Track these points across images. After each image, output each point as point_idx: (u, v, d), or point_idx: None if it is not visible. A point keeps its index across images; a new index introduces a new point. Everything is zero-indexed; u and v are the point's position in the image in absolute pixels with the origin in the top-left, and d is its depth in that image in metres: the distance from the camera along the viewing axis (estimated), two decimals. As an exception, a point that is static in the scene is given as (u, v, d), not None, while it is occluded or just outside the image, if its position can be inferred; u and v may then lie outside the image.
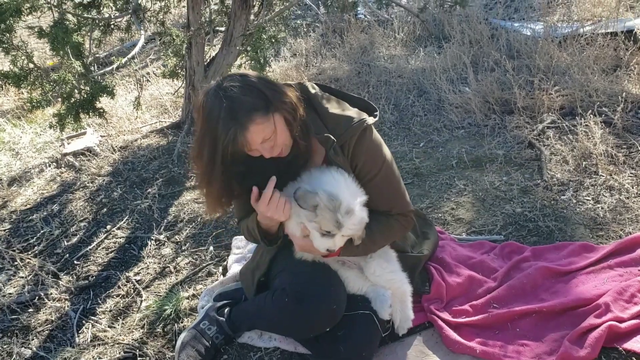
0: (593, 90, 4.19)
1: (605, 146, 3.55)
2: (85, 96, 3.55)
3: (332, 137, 2.22)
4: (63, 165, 4.61)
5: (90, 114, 3.68)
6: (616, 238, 2.91)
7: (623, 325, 2.35)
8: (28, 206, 4.12)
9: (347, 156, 2.27)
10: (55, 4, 3.32)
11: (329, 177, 2.21)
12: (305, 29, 6.61)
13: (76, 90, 3.49)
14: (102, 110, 3.73)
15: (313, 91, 2.32)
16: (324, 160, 2.31)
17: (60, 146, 4.94)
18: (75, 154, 4.70)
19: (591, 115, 3.75)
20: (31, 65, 3.39)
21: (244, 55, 4.17)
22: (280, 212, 2.18)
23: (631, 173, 3.39)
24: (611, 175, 3.38)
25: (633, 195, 3.20)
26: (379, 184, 2.32)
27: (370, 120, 2.28)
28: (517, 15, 6.48)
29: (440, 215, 3.37)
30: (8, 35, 3.03)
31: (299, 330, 2.38)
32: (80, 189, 4.24)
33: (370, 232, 2.32)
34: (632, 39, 4.86)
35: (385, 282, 2.42)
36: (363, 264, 2.45)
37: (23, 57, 3.31)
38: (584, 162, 3.51)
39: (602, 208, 3.15)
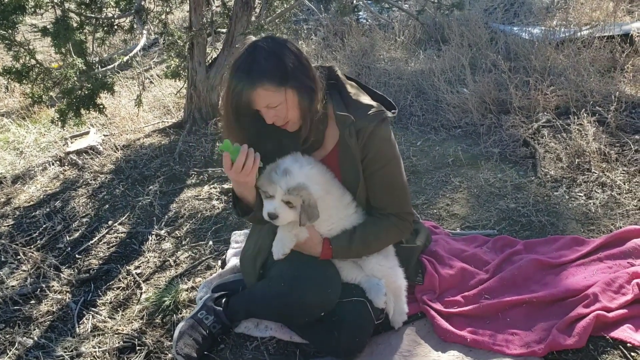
0: (588, 91, 4.25)
1: (598, 144, 3.61)
2: (86, 92, 3.62)
3: (352, 118, 2.30)
4: (66, 164, 4.68)
5: (91, 109, 3.74)
6: (607, 232, 2.96)
7: (611, 314, 2.40)
8: (31, 203, 4.19)
9: (360, 143, 2.34)
10: (57, 1, 3.40)
11: (313, 161, 2.33)
12: (306, 32, 6.69)
13: (77, 87, 3.56)
14: (102, 106, 3.80)
15: (341, 76, 2.44)
16: (336, 144, 2.39)
17: (63, 145, 5.02)
18: (78, 153, 4.77)
19: (585, 115, 3.80)
20: (33, 62, 3.46)
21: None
22: (246, 175, 2.22)
23: (623, 170, 3.44)
24: (603, 172, 3.43)
25: (624, 192, 3.25)
26: (383, 178, 2.40)
27: (389, 113, 2.37)
28: (517, 20, 6.55)
29: (435, 211, 3.43)
30: (11, 31, 3.10)
31: (294, 315, 2.43)
32: (83, 186, 4.31)
33: (364, 234, 2.40)
34: (628, 41, 4.92)
35: (381, 276, 2.48)
36: (360, 261, 2.51)
37: (25, 54, 3.38)
38: (577, 160, 3.57)
39: (594, 204, 3.20)
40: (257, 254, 2.62)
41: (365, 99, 2.40)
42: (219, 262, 3.22)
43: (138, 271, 3.28)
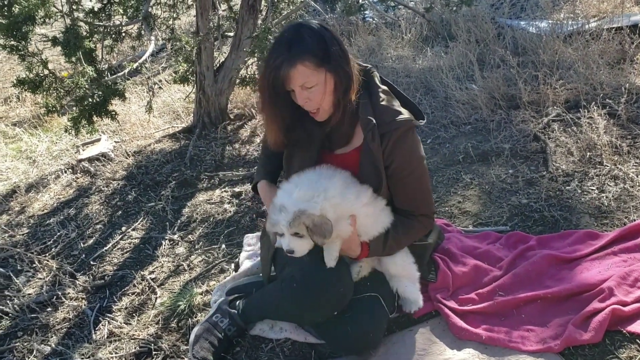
0: (598, 83, 4.22)
1: (609, 137, 3.58)
2: (97, 99, 3.66)
3: (374, 122, 2.32)
4: (78, 171, 4.73)
5: (103, 116, 3.78)
6: (620, 225, 2.94)
7: (627, 308, 2.38)
8: (45, 211, 4.24)
9: (384, 148, 2.35)
10: (67, 11, 3.43)
11: (302, 177, 2.35)
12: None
13: (89, 95, 3.60)
14: (114, 113, 3.84)
15: (375, 79, 2.44)
16: (361, 144, 2.41)
17: (75, 153, 5.06)
18: (90, 160, 4.82)
19: (595, 108, 3.78)
20: (46, 72, 3.50)
21: (251, 57, 4.25)
22: None
23: (636, 162, 3.41)
24: (615, 165, 3.41)
25: (637, 184, 3.23)
26: (411, 183, 2.43)
27: (417, 122, 2.41)
28: (524, 14, 6.52)
29: (447, 208, 3.42)
30: (24, 42, 3.14)
31: (307, 315, 2.44)
32: (96, 193, 4.34)
33: (395, 233, 2.43)
34: (637, 32, 4.88)
35: (402, 271, 2.54)
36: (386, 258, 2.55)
37: (38, 64, 3.42)
38: (588, 153, 3.55)
39: (606, 197, 3.18)
40: (269, 249, 2.65)
41: (395, 105, 2.39)
42: (232, 265, 3.24)
43: (152, 276, 3.30)
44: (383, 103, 2.37)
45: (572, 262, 2.75)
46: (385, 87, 2.46)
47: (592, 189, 3.28)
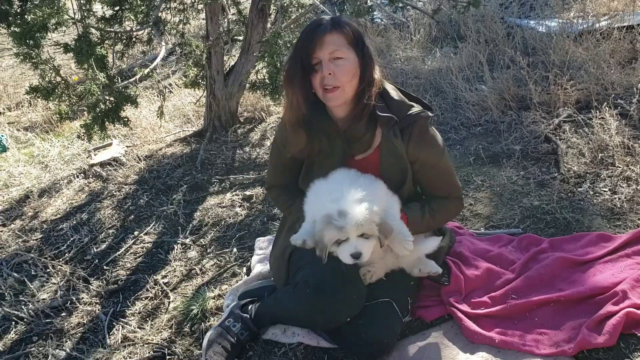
0: (609, 83, 4.20)
1: (621, 138, 3.56)
2: (110, 106, 3.69)
3: (396, 118, 2.38)
4: (90, 176, 4.76)
5: (115, 123, 3.82)
6: (633, 227, 2.93)
7: (641, 311, 2.37)
8: (58, 216, 4.27)
9: (407, 143, 2.41)
10: (78, 18, 3.46)
11: (333, 181, 2.34)
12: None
13: (101, 101, 3.63)
14: (126, 119, 3.87)
15: (385, 82, 2.51)
16: (378, 145, 2.46)
17: (87, 157, 5.10)
18: (102, 165, 4.85)
19: (607, 108, 3.76)
20: (58, 79, 3.53)
21: (260, 61, 4.27)
22: None
23: (648, 163, 3.40)
24: (628, 166, 3.39)
25: (650, 185, 3.21)
26: (441, 171, 2.52)
27: (428, 113, 2.46)
28: (533, 13, 6.49)
29: (458, 211, 3.41)
30: (37, 50, 3.18)
31: (320, 321, 2.45)
32: (108, 198, 4.37)
33: (432, 212, 2.49)
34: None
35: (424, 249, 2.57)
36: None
37: (51, 71, 3.46)
38: (600, 154, 3.53)
39: (619, 198, 3.17)
40: (285, 250, 2.66)
41: (406, 100, 2.48)
42: (244, 269, 3.25)
43: (165, 280, 3.32)
44: (396, 98, 2.44)
45: (585, 264, 2.74)
46: (392, 85, 2.53)
47: (605, 191, 3.27)
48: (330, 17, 2.34)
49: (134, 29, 4.29)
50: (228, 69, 4.93)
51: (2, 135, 5.72)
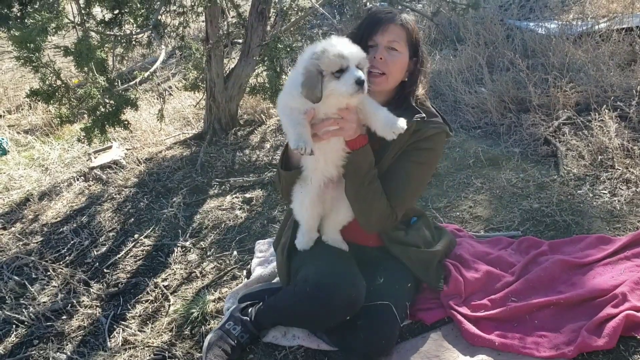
0: (608, 86, 4.21)
1: (621, 140, 3.57)
2: (110, 109, 3.69)
3: (424, 115, 2.42)
4: (91, 179, 4.76)
5: (116, 126, 3.82)
6: (633, 230, 2.94)
7: (640, 314, 2.38)
8: (58, 219, 4.27)
9: (411, 141, 2.42)
10: (78, 22, 3.47)
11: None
12: (320, 37, 6.71)
13: (101, 104, 3.64)
14: (126, 122, 3.88)
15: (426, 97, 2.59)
16: None
17: (87, 160, 5.10)
18: (102, 167, 4.85)
19: (606, 110, 3.76)
20: (59, 82, 3.54)
21: (261, 65, 4.28)
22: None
23: (648, 165, 3.41)
24: (627, 168, 3.40)
25: (650, 188, 3.22)
26: (409, 169, 2.44)
27: (449, 132, 2.52)
28: (533, 15, 6.50)
29: (458, 213, 3.42)
30: (37, 54, 3.19)
31: (320, 319, 2.46)
32: (108, 201, 4.38)
33: (378, 185, 2.38)
34: (647, 33, 4.86)
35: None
36: None
37: (51, 75, 3.46)
38: (599, 157, 3.54)
39: (618, 201, 3.17)
40: (283, 248, 2.68)
41: (432, 109, 2.53)
42: (244, 272, 3.25)
43: (165, 283, 3.32)
44: (426, 104, 2.52)
45: (584, 267, 2.74)
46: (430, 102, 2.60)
47: (604, 193, 3.27)
48: (400, 11, 2.45)
49: (133, 33, 4.30)
50: (228, 72, 4.93)
51: (3, 139, 5.73)
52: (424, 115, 2.43)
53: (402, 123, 2.22)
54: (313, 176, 2.39)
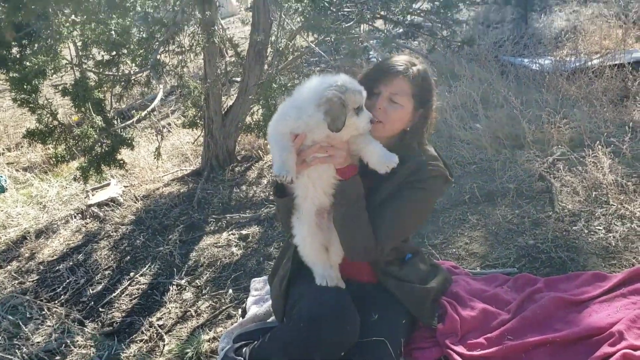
0: (602, 121, 4.25)
1: (615, 176, 3.59)
2: (106, 149, 3.73)
3: (424, 158, 2.45)
4: (88, 216, 4.77)
5: (111, 165, 3.85)
6: (629, 266, 2.93)
7: (638, 352, 2.35)
8: (55, 257, 4.27)
9: (408, 179, 2.42)
10: (76, 63, 3.53)
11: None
12: (318, 75, 6.78)
13: (97, 144, 3.67)
14: (122, 162, 3.90)
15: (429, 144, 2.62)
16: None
17: (85, 198, 5.12)
18: (99, 205, 4.86)
19: (600, 146, 3.79)
20: (55, 122, 3.58)
21: (255, 104, 4.33)
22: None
23: (642, 201, 3.41)
24: (622, 204, 3.41)
25: (645, 223, 3.22)
26: (399, 205, 2.42)
27: (449, 177, 2.53)
28: (527, 52, 6.59)
29: (454, 250, 3.42)
30: (34, 95, 3.23)
31: (314, 355, 2.43)
32: (105, 239, 4.37)
33: (365, 216, 2.37)
34: (639, 69, 4.93)
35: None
36: None
37: (48, 115, 3.51)
38: (594, 192, 3.55)
39: (613, 237, 3.17)
40: (282, 282, 2.66)
41: (435, 154, 2.55)
42: (239, 311, 3.23)
43: (160, 322, 3.30)
44: (428, 149, 2.54)
45: (580, 304, 2.72)
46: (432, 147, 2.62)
47: (599, 229, 3.28)
48: (413, 63, 2.44)
49: (132, 72, 4.36)
50: (226, 110, 4.98)
51: (1, 176, 5.76)
52: (423, 157, 2.46)
53: (395, 158, 2.28)
54: (304, 204, 2.41)
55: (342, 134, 2.22)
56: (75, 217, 4.80)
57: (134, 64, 4.11)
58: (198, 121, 5.05)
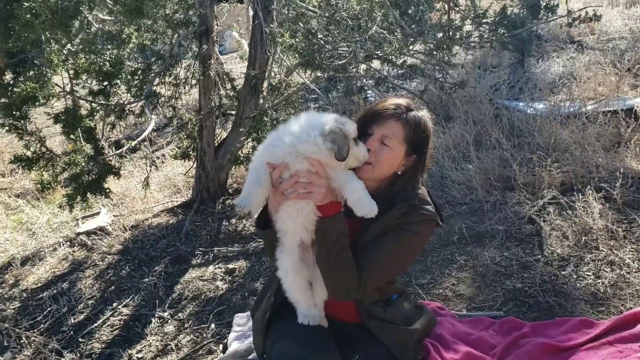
0: (593, 167, 4.25)
1: (605, 221, 3.56)
2: (93, 177, 3.71)
3: (416, 202, 2.40)
4: (76, 244, 4.73)
5: (97, 194, 3.83)
6: (617, 313, 2.88)
7: (622, 402, 2.30)
8: (39, 284, 4.21)
9: (399, 221, 2.38)
10: (69, 90, 3.54)
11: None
12: (315, 112, 6.83)
13: (85, 172, 3.66)
14: (108, 190, 3.89)
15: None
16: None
17: (74, 226, 5.08)
18: (88, 233, 4.83)
19: (591, 191, 3.78)
20: (44, 149, 3.58)
21: (247, 137, 4.34)
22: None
23: (632, 248, 3.38)
24: (612, 250, 3.38)
25: (634, 270, 3.19)
26: (385, 245, 2.37)
27: (439, 222, 2.48)
28: (522, 96, 6.64)
29: (441, 291, 3.37)
30: (23, 121, 3.23)
31: None
32: (90, 267, 4.33)
33: (349, 253, 2.32)
34: (632, 116, 4.96)
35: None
36: None
37: (36, 142, 3.51)
38: (584, 238, 3.52)
39: (602, 283, 3.13)
40: (264, 316, 2.59)
41: (427, 197, 2.50)
42: (221, 347, 3.17)
43: (140, 355, 3.24)
44: (420, 192, 2.48)
45: (566, 351, 2.66)
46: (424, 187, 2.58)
47: (588, 275, 3.24)
48: (409, 107, 2.39)
49: (126, 102, 4.39)
50: (219, 142, 4.99)
51: (-9, 202, 5.74)
52: (415, 201, 2.41)
53: (375, 208, 2.21)
54: (284, 238, 2.37)
55: (345, 163, 2.23)
56: (63, 244, 4.76)
57: (128, 94, 4.13)
58: (190, 152, 5.06)
